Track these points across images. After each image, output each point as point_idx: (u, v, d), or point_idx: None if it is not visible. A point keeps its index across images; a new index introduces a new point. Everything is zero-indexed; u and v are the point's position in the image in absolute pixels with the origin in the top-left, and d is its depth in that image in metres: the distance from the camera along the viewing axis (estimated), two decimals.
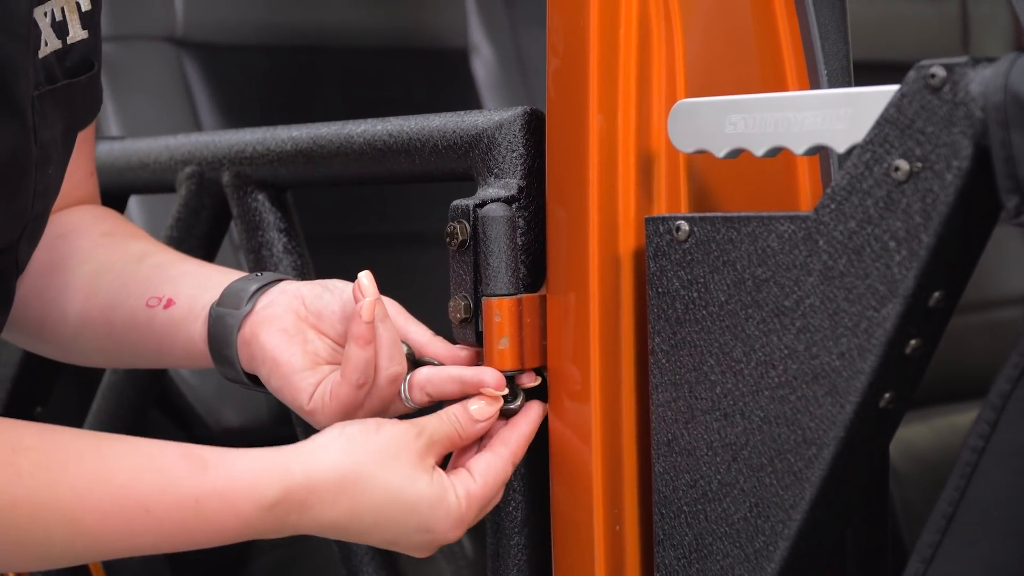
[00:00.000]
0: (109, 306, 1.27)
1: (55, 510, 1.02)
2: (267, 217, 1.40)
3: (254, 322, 1.19)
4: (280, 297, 1.20)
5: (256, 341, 1.18)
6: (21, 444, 1.03)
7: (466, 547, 1.64)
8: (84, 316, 1.28)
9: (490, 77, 2.27)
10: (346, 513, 1.09)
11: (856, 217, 0.98)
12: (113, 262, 1.28)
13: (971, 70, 0.93)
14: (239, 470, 1.08)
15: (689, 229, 1.07)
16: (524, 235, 1.17)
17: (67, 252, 1.30)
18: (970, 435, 0.96)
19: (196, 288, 1.24)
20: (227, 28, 2.09)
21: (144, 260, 1.28)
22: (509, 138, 1.18)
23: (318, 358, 1.18)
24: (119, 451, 1.07)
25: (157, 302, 1.24)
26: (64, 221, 1.29)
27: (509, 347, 1.15)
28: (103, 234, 1.32)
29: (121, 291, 1.27)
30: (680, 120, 1.09)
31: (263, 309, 1.19)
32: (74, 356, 1.35)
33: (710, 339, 1.06)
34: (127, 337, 1.27)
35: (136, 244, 1.31)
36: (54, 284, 1.29)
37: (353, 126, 1.32)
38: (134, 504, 1.05)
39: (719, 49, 1.16)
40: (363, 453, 1.10)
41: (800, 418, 1.02)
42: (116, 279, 1.27)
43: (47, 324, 1.30)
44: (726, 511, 1.06)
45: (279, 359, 1.18)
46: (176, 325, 1.24)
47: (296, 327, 1.19)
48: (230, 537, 1.08)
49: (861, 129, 0.98)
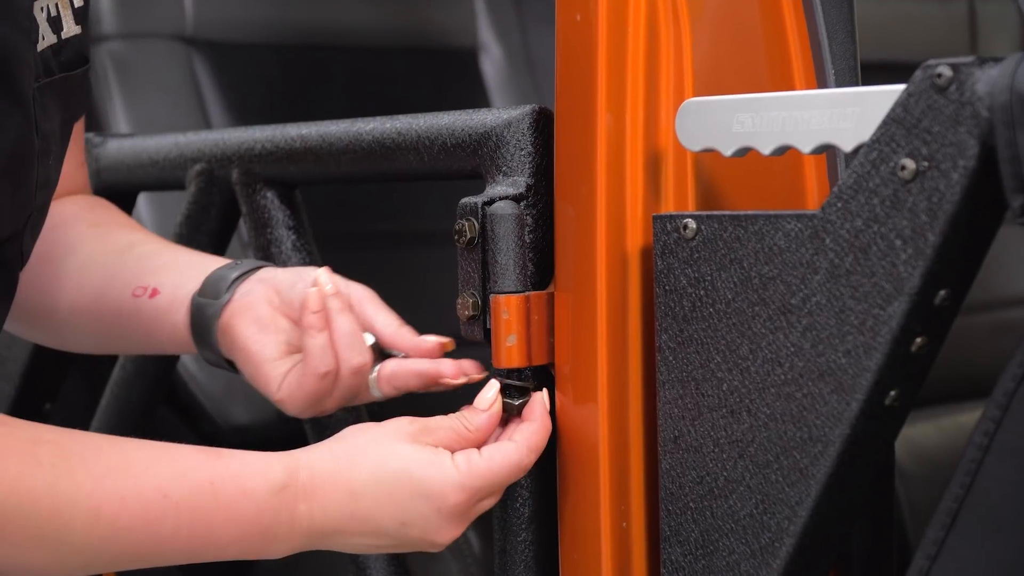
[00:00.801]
0: (97, 296, 1.31)
1: (74, 499, 1.03)
2: (276, 215, 1.41)
3: (231, 311, 1.23)
4: (257, 287, 1.24)
5: (232, 331, 1.23)
6: (41, 438, 1.04)
7: (473, 544, 1.65)
8: (73, 306, 1.32)
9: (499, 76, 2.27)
10: (347, 495, 1.10)
11: (862, 216, 0.98)
12: (100, 253, 1.32)
13: (977, 70, 0.94)
14: (250, 457, 1.10)
15: (696, 227, 1.07)
16: (532, 233, 1.17)
17: (57, 243, 1.33)
18: (975, 433, 0.96)
19: (179, 277, 1.28)
20: (237, 26, 2.10)
21: (130, 250, 1.32)
22: (518, 136, 1.19)
23: (290, 347, 1.22)
24: (135, 445, 1.09)
25: (143, 292, 1.29)
26: (55, 212, 1.30)
27: (517, 344, 1.16)
28: (91, 225, 1.35)
29: (108, 282, 1.31)
30: (688, 119, 1.09)
31: (240, 298, 1.24)
32: (67, 343, 1.39)
33: (717, 336, 1.07)
34: (116, 325, 1.31)
35: (122, 234, 1.34)
36: (45, 274, 1.32)
37: (362, 124, 1.32)
38: (152, 490, 1.06)
39: (727, 48, 1.16)
40: (355, 440, 1.13)
41: (806, 415, 1.02)
42: (103, 270, 1.31)
43: (40, 313, 1.34)
44: (732, 508, 1.07)
45: (251, 349, 1.22)
46: (162, 314, 1.28)
47: (270, 317, 1.23)
48: (244, 523, 1.09)
49: (868, 128, 0.99)
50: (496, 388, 1.16)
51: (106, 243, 1.33)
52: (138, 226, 1.38)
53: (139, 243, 1.33)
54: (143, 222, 1.90)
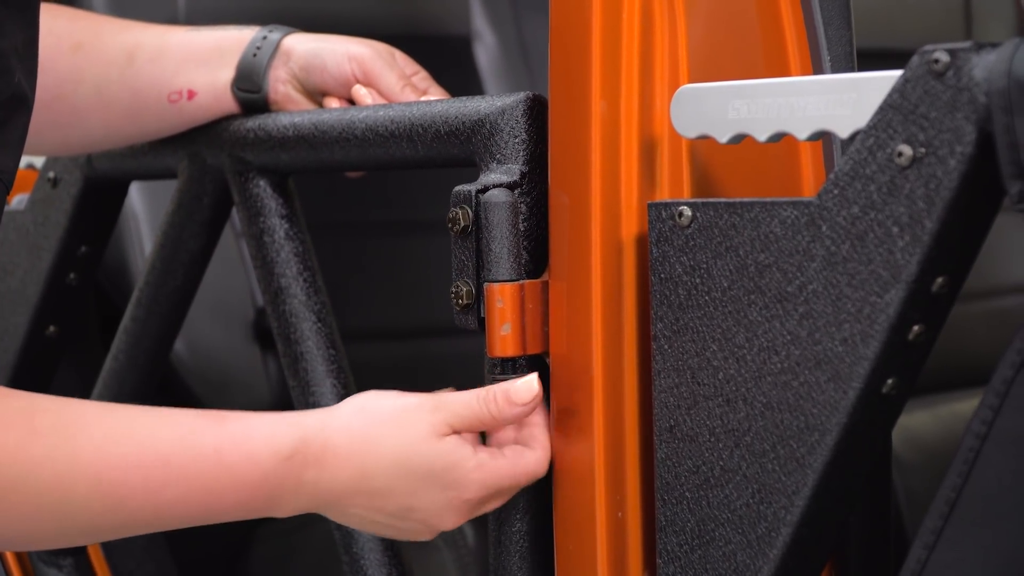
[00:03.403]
0: (130, 111, 1.39)
1: (75, 467, 1.02)
2: (269, 203, 1.40)
3: (273, 103, 1.40)
4: (283, 72, 1.39)
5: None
6: (38, 408, 1.03)
7: (467, 534, 1.64)
8: (107, 126, 1.40)
9: (492, 64, 2.26)
10: (358, 473, 1.10)
11: (859, 203, 0.98)
12: (107, 73, 1.36)
13: (975, 55, 0.93)
14: (257, 422, 1.09)
15: (692, 215, 1.07)
16: (526, 221, 1.17)
17: (55, 82, 1.36)
18: (973, 421, 0.96)
19: (207, 71, 1.38)
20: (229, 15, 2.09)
21: (135, 59, 1.38)
22: (511, 124, 1.18)
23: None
24: (137, 411, 1.07)
25: (179, 96, 1.38)
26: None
27: (511, 333, 1.15)
28: (74, 49, 1.38)
29: (135, 97, 1.38)
30: (683, 105, 1.09)
31: (273, 85, 1.38)
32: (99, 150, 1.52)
33: (713, 325, 1.06)
34: (160, 131, 1.42)
35: (112, 43, 1.38)
36: (62, 112, 1.37)
37: (355, 112, 1.32)
38: (154, 456, 1.04)
39: (722, 34, 1.16)
40: (374, 417, 1.11)
41: (803, 404, 1.02)
42: (123, 88, 1.37)
43: (70, 144, 1.44)
44: (728, 497, 1.06)
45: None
46: (206, 111, 1.40)
47: (304, 102, 1.40)
48: (249, 489, 1.07)
49: (864, 115, 0.98)
50: (536, 386, 1.14)
51: (105, 61, 1.37)
52: (105, 18, 1.43)
53: (135, 47, 1.38)
54: (135, 212, 1.90)
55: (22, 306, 1.67)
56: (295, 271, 1.39)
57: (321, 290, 1.39)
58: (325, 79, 1.40)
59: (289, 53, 1.41)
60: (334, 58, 1.39)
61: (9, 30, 1.05)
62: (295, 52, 1.40)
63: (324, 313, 1.38)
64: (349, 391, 1.37)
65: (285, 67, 1.40)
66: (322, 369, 1.37)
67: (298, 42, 1.42)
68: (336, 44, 1.40)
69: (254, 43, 1.40)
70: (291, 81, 1.40)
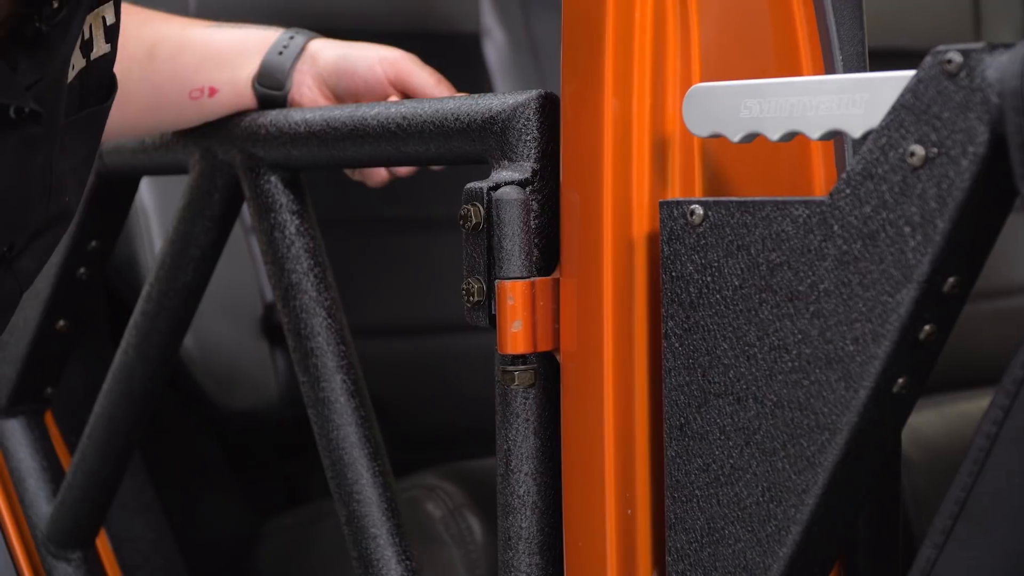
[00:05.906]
0: (149, 106, 1.42)
1: None
2: (279, 199, 1.40)
3: (293, 100, 1.41)
4: (307, 77, 1.41)
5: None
6: None
7: (476, 531, 1.64)
8: (125, 119, 1.39)
9: (502, 61, 2.26)
10: None
11: (871, 202, 0.98)
12: (127, 68, 1.35)
13: (988, 56, 0.93)
14: None
15: (703, 213, 1.07)
16: (538, 218, 1.17)
17: None
18: (983, 421, 0.96)
19: (229, 69, 1.41)
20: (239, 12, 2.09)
21: (156, 55, 1.41)
22: (523, 121, 1.18)
23: None
24: None
25: (200, 93, 1.40)
26: None
27: (522, 330, 1.15)
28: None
29: (156, 92, 1.41)
30: (695, 104, 1.09)
31: (298, 87, 1.40)
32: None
33: (724, 323, 1.06)
34: (176, 122, 1.45)
35: (133, 38, 1.39)
36: None
37: (367, 108, 1.32)
38: None
39: (734, 33, 1.16)
40: None
41: (813, 403, 1.02)
42: (143, 84, 1.40)
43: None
44: (738, 495, 1.06)
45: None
46: (224, 107, 1.42)
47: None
48: None
49: (877, 114, 0.98)
50: None
51: (124, 53, 1.35)
52: (125, 7, 1.44)
53: (155, 41, 1.40)
54: (145, 207, 1.90)
55: (32, 300, 1.67)
56: (306, 267, 1.39)
57: (332, 286, 1.39)
58: (356, 83, 1.40)
59: (315, 57, 1.41)
60: (365, 62, 1.40)
61: (73, 149, 1.10)
62: (322, 57, 1.41)
63: (334, 309, 1.39)
64: (359, 387, 1.37)
65: (312, 70, 1.41)
66: (332, 365, 1.37)
67: (324, 47, 1.42)
68: (364, 49, 1.41)
69: (279, 43, 1.41)
70: (319, 86, 1.41)
